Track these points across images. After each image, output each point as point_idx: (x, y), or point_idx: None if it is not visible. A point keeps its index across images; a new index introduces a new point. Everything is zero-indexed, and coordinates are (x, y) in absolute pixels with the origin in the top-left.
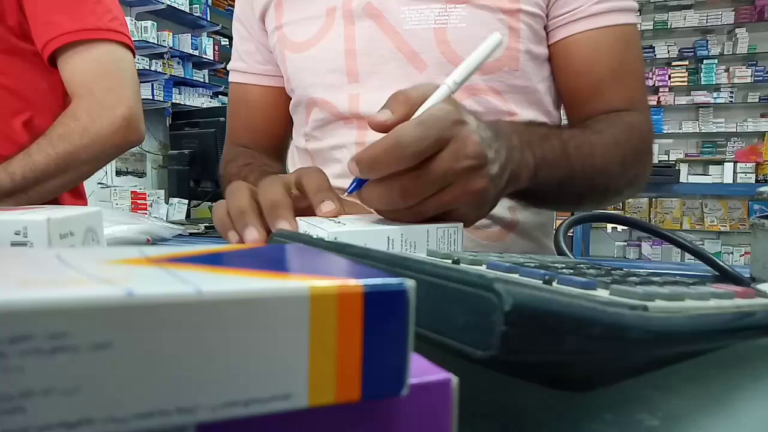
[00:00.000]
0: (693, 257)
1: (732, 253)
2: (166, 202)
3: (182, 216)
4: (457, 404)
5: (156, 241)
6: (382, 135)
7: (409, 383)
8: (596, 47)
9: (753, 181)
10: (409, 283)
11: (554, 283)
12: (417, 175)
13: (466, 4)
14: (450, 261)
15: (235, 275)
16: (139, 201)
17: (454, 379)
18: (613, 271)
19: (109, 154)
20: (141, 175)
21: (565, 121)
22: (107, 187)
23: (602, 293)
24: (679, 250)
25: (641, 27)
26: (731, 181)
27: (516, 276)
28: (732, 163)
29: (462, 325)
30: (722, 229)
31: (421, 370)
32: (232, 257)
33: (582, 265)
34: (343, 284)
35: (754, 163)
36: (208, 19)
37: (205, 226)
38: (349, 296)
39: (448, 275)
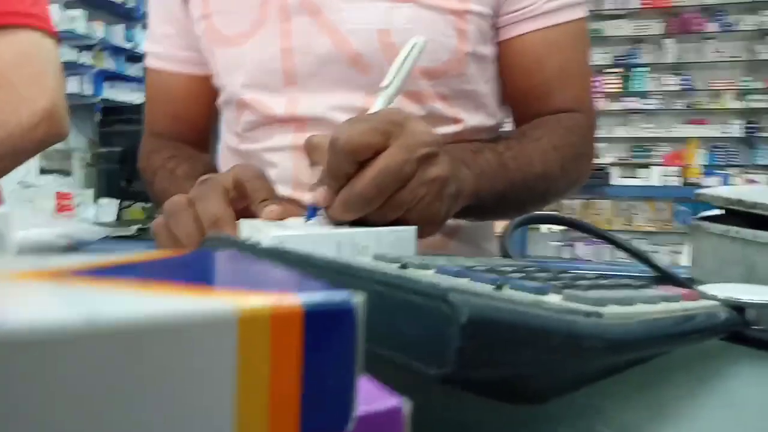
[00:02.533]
0: (630, 257)
1: (658, 252)
2: (95, 203)
3: (112, 217)
4: (409, 430)
5: (78, 244)
6: (320, 133)
7: (356, 416)
8: (548, 46)
9: (678, 183)
10: (357, 299)
11: (506, 289)
12: (374, 175)
13: (412, 4)
14: (398, 265)
15: (143, 292)
16: (64, 202)
17: (406, 405)
18: (561, 274)
19: (28, 150)
20: (67, 173)
21: (508, 122)
22: (29, 186)
23: (554, 298)
24: (609, 249)
25: None
26: (658, 184)
27: (466, 281)
28: (659, 167)
29: (414, 340)
30: (650, 229)
31: (368, 396)
32: (149, 268)
33: (530, 268)
34: (277, 302)
35: (680, 167)
36: (144, 10)
37: (138, 228)
38: (286, 317)
39: (398, 284)
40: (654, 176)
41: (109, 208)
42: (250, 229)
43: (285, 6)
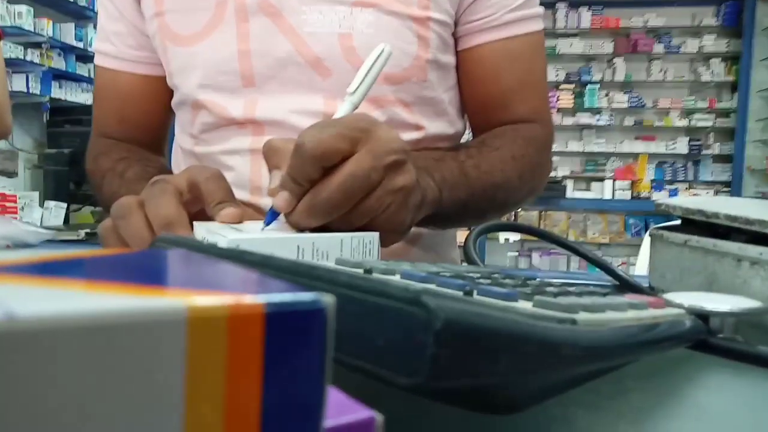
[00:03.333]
0: (591, 267)
1: (611, 263)
2: (41, 206)
3: (59, 221)
4: None
5: (18, 246)
6: (278, 136)
7: (325, 429)
8: (507, 56)
9: (629, 197)
10: (327, 299)
11: (475, 295)
12: (341, 182)
13: (373, 8)
14: (361, 270)
15: (80, 290)
16: (7, 204)
17: (379, 418)
18: (528, 281)
19: None
20: (11, 175)
21: (468, 131)
22: None
23: (525, 305)
24: (565, 258)
25: None
26: (610, 197)
27: (433, 287)
28: (611, 181)
29: (383, 347)
30: (603, 241)
31: (337, 407)
32: (87, 266)
33: (497, 275)
34: (236, 302)
35: (630, 181)
36: (96, 9)
37: (86, 233)
38: (245, 318)
39: (367, 287)
40: (606, 190)
41: (56, 211)
42: (205, 233)
43: (243, 7)
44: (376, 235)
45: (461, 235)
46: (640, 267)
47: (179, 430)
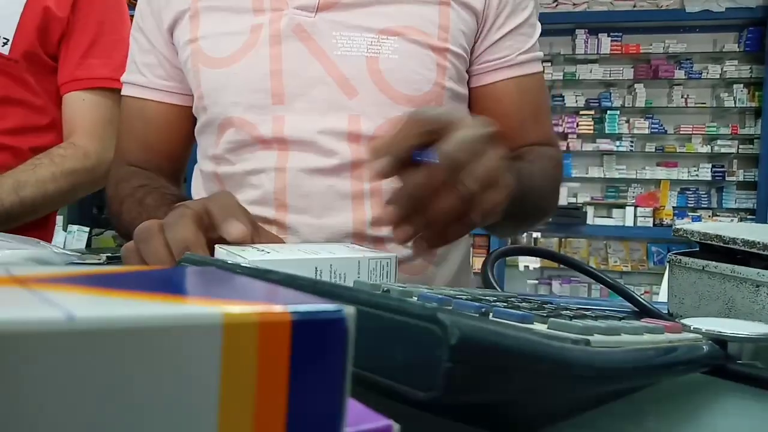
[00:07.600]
0: (611, 294)
1: (633, 292)
2: (65, 230)
3: (82, 244)
4: None
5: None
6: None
7: None
8: (522, 91)
9: (651, 224)
10: (348, 310)
11: (490, 316)
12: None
13: (398, 37)
14: (379, 291)
15: (125, 298)
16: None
17: (396, 427)
18: (545, 305)
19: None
20: None
21: None
22: None
23: (540, 327)
24: (586, 287)
25: (553, 77)
26: (632, 224)
27: (450, 308)
28: (633, 208)
29: (401, 363)
30: (624, 269)
31: (356, 417)
32: (126, 279)
33: (513, 298)
34: (265, 311)
35: (652, 208)
36: None
37: (108, 256)
38: (274, 325)
39: (385, 305)
40: (628, 217)
41: (79, 234)
42: (225, 255)
43: (277, 32)
44: (393, 257)
45: (477, 262)
46: (663, 295)
47: (216, 421)
